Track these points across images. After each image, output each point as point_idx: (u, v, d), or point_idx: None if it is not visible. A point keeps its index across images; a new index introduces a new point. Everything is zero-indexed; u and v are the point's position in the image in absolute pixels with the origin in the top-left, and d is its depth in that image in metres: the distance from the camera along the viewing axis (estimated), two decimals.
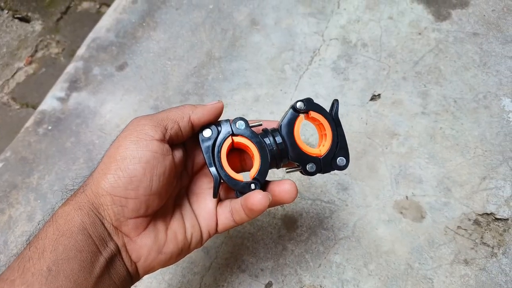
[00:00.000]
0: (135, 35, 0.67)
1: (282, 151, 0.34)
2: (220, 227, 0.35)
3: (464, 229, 0.47)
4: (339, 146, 0.35)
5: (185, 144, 0.35)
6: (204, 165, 0.36)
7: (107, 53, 0.66)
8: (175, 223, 0.33)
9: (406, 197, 0.49)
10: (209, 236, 0.35)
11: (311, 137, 0.54)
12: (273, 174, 0.52)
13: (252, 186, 0.33)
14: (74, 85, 0.64)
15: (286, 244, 0.48)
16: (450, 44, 0.59)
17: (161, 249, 0.32)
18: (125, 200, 0.29)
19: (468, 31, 0.59)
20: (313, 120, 0.35)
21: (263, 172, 0.33)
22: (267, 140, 0.34)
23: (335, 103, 0.35)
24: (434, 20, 0.61)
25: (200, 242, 0.35)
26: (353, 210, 0.49)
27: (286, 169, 0.36)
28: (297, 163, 0.34)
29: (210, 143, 0.33)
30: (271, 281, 0.46)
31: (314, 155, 0.34)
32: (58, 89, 0.64)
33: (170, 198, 0.34)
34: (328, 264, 0.46)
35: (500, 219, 0.47)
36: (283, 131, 0.34)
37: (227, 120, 0.34)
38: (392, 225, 0.48)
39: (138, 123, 0.31)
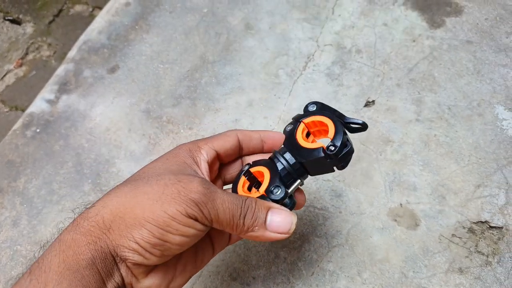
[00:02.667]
0: (127, 37, 0.66)
1: (299, 169, 0.33)
2: (232, 239, 0.34)
3: (459, 237, 0.46)
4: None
5: None
6: None
7: (99, 55, 0.65)
8: (186, 255, 0.32)
9: (401, 204, 0.48)
10: (221, 249, 0.34)
11: None
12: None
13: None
14: (64, 88, 0.62)
15: (278, 251, 0.47)
16: (444, 51, 0.59)
17: (168, 285, 0.31)
18: (149, 255, 0.28)
19: (462, 39, 0.60)
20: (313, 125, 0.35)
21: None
22: (279, 165, 0.33)
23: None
24: (428, 27, 0.61)
25: (211, 256, 0.34)
26: (346, 217, 0.48)
27: None
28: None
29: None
30: None
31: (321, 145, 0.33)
32: (47, 92, 0.62)
33: None
34: (321, 272, 0.46)
35: (494, 227, 0.46)
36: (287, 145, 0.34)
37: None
38: (386, 232, 0.47)
39: (193, 196, 0.29)
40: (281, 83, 0.59)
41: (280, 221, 0.30)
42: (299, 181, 0.34)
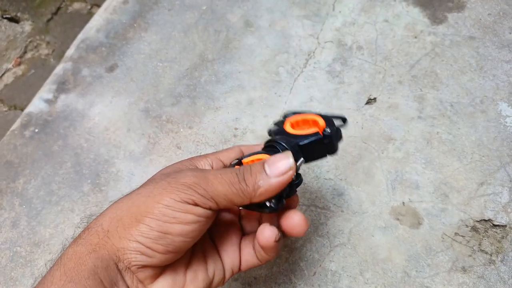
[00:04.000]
0: (125, 36, 0.66)
1: (299, 151, 0.32)
2: (243, 265, 0.33)
3: (462, 236, 0.46)
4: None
5: None
6: None
7: (97, 54, 0.64)
8: (195, 262, 0.31)
9: (403, 203, 0.48)
10: (232, 274, 0.33)
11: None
12: None
13: (267, 203, 0.30)
14: (62, 87, 0.62)
15: (280, 251, 0.47)
16: (446, 47, 0.58)
17: None
18: (152, 252, 0.27)
19: (464, 34, 0.59)
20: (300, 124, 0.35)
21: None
22: (280, 146, 0.32)
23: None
24: (430, 23, 0.61)
25: (223, 281, 0.32)
26: (348, 217, 0.48)
27: None
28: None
29: None
30: None
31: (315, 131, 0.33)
32: (45, 91, 0.62)
33: None
34: (323, 272, 0.45)
35: (498, 225, 0.46)
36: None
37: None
38: (389, 232, 0.47)
39: (184, 180, 0.28)
40: (281, 81, 0.58)
41: (278, 163, 0.29)
42: (302, 159, 0.33)
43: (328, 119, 0.34)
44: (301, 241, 0.47)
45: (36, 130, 0.58)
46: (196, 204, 0.27)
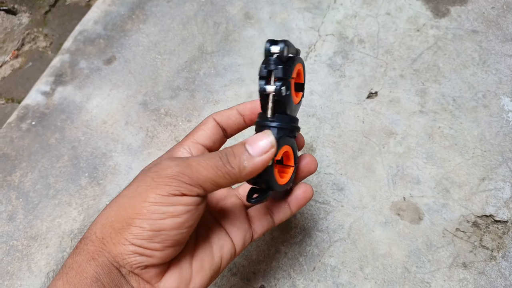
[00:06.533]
0: (124, 27, 0.65)
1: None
2: (256, 233, 0.33)
3: (463, 232, 0.45)
4: None
5: None
6: None
7: (95, 46, 0.63)
8: (200, 250, 0.31)
9: (404, 198, 0.47)
10: (244, 246, 0.33)
11: (306, 135, 0.53)
12: None
13: (287, 187, 0.33)
14: (59, 79, 0.61)
15: (279, 246, 0.46)
16: (449, 41, 0.57)
17: (188, 286, 0.29)
18: (150, 252, 0.26)
19: (467, 28, 0.58)
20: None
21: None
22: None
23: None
24: (433, 16, 0.60)
25: (234, 256, 0.32)
26: (349, 211, 0.47)
27: None
28: None
29: None
30: (263, 285, 0.44)
31: None
32: (43, 83, 0.61)
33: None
34: (322, 268, 0.45)
35: (499, 221, 0.45)
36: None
37: None
38: (389, 227, 0.46)
39: (166, 172, 0.27)
40: None
41: (259, 142, 0.29)
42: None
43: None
44: (301, 236, 0.47)
45: (33, 123, 0.58)
46: (183, 194, 0.27)
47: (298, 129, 0.33)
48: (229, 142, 0.36)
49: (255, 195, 0.31)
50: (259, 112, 0.32)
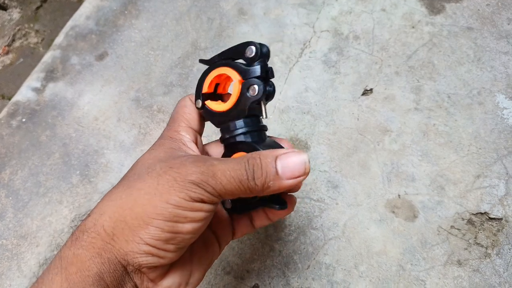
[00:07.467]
0: (116, 23, 0.64)
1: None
2: (237, 234, 0.33)
3: (458, 229, 0.45)
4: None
5: None
6: None
7: (86, 41, 0.62)
8: (198, 245, 0.31)
9: (399, 195, 0.47)
10: (226, 244, 0.33)
11: (300, 133, 0.52)
12: None
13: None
14: (50, 75, 0.60)
15: (273, 244, 0.46)
16: (444, 38, 0.57)
17: (188, 281, 0.29)
18: (163, 253, 0.26)
19: (462, 25, 0.58)
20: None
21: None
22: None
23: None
24: (428, 13, 0.59)
25: (218, 254, 0.32)
26: (343, 209, 0.47)
27: None
28: None
29: None
30: (257, 284, 0.44)
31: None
32: (33, 79, 0.60)
33: None
34: (317, 266, 0.44)
35: (494, 218, 0.45)
36: None
37: None
38: (384, 224, 0.46)
39: (191, 178, 0.26)
40: (276, 70, 0.57)
41: (292, 165, 0.27)
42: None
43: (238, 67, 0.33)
44: (295, 234, 0.46)
45: (24, 120, 0.57)
46: (204, 201, 0.26)
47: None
48: None
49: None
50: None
